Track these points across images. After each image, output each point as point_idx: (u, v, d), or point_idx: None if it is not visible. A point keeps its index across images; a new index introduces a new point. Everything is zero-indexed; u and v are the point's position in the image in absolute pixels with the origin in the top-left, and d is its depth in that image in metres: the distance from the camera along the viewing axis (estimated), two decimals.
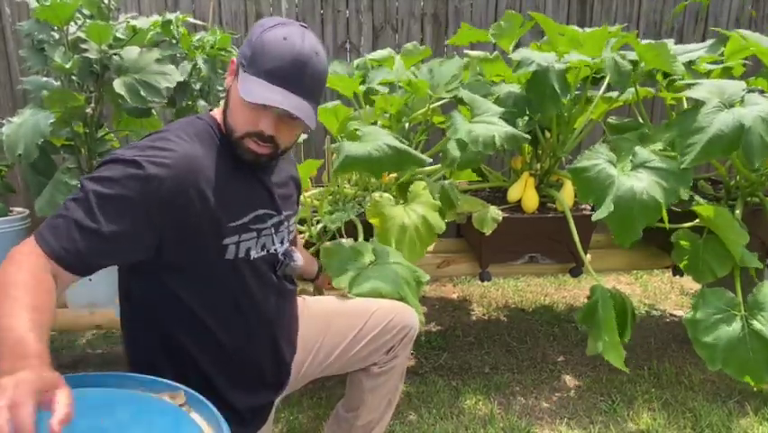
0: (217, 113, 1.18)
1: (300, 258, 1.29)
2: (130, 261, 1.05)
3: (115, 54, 1.79)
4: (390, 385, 1.47)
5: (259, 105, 1.04)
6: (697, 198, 1.99)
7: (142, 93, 1.71)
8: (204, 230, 1.07)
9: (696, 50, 2.15)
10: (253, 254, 1.16)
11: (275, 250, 1.23)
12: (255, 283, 1.18)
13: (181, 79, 1.81)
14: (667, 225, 1.84)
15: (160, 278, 1.09)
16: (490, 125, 1.87)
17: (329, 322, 1.41)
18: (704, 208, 1.86)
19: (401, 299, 1.52)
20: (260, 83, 1.04)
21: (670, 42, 2.13)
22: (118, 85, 1.71)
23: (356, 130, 1.74)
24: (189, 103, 2.11)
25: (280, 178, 1.27)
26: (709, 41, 2.22)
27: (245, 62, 1.06)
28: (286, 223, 1.26)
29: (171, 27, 1.96)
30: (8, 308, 0.82)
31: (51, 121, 1.71)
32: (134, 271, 1.12)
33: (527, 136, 1.95)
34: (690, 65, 2.04)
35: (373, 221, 1.79)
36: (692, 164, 1.71)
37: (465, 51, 2.37)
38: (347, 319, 1.41)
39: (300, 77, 1.05)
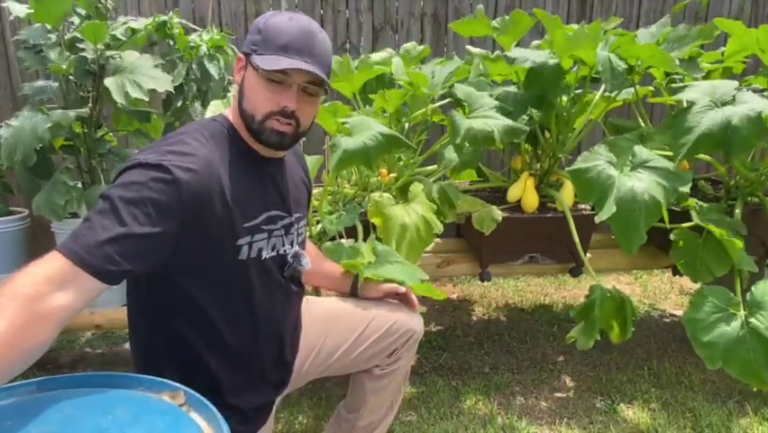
0: (229, 113, 1.18)
1: (309, 262, 1.29)
2: (155, 265, 1.02)
3: (113, 57, 1.80)
4: (393, 388, 1.47)
5: (277, 84, 1.08)
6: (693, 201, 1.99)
7: (128, 89, 1.73)
8: (221, 232, 1.08)
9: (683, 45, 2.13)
10: (264, 255, 1.17)
11: (285, 251, 1.23)
12: (263, 283, 1.19)
13: (171, 89, 1.83)
14: (667, 225, 1.84)
15: (171, 279, 1.09)
16: (488, 120, 1.87)
17: (331, 323, 1.41)
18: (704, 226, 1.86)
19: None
20: (277, 57, 1.06)
21: (664, 22, 2.14)
22: (109, 81, 1.74)
23: (344, 123, 1.74)
24: (187, 103, 2.11)
25: (292, 180, 1.28)
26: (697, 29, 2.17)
27: (256, 47, 1.09)
28: (296, 225, 1.27)
29: (167, 29, 1.97)
30: None
31: (49, 125, 1.72)
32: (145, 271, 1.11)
33: (526, 128, 1.94)
34: (690, 61, 2.03)
35: (375, 221, 1.79)
36: (680, 162, 1.73)
37: (467, 48, 2.36)
38: (349, 321, 1.41)
39: (312, 47, 1.09)
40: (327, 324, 1.40)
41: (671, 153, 1.80)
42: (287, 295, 1.27)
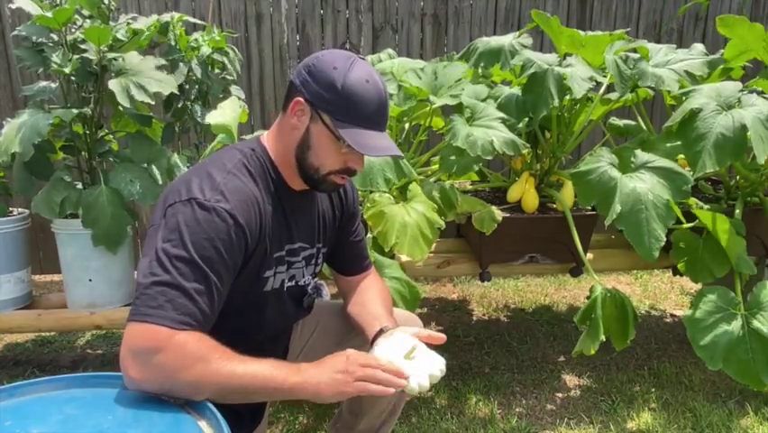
0: (268, 143, 1.18)
1: (328, 293, 1.32)
2: None
3: (116, 58, 1.80)
4: (392, 395, 1.46)
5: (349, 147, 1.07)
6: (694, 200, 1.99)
7: (133, 92, 1.73)
8: (254, 265, 1.11)
9: (694, 59, 2.13)
10: (285, 285, 1.21)
11: (305, 282, 1.27)
12: (278, 311, 1.24)
13: (176, 91, 1.82)
14: (685, 221, 1.83)
15: None
16: (489, 130, 1.88)
17: (325, 326, 1.43)
18: (703, 215, 1.85)
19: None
20: (363, 133, 1.07)
21: (671, 46, 2.14)
22: (113, 84, 1.74)
23: None
24: (188, 103, 2.11)
25: (320, 209, 1.29)
26: (704, 52, 2.17)
27: (331, 107, 1.07)
28: (316, 256, 1.29)
29: (169, 30, 1.97)
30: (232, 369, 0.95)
31: (51, 122, 1.72)
32: None
33: (527, 144, 1.95)
34: (690, 75, 2.03)
35: (371, 219, 1.79)
36: (701, 171, 1.71)
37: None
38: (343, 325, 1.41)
39: (386, 114, 1.12)
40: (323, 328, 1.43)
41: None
42: (294, 318, 1.34)
